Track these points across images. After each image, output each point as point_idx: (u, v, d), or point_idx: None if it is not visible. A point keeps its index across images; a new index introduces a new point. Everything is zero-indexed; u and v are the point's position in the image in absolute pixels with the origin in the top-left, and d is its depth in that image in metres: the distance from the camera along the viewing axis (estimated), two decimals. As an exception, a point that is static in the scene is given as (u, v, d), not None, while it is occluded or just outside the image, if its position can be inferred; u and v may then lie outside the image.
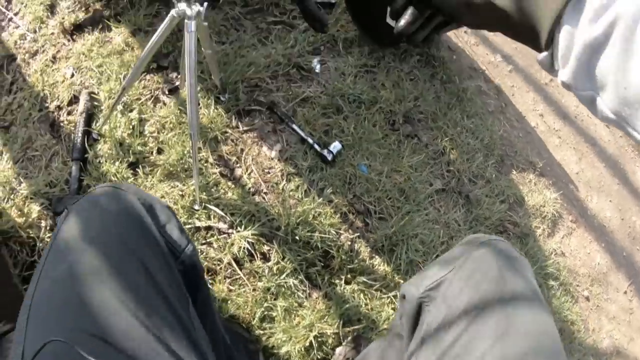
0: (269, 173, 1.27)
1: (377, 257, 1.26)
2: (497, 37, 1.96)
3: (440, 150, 1.48)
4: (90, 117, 1.28)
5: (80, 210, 0.55)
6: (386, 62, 1.56)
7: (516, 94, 1.83)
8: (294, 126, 1.32)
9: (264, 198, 1.23)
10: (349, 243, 1.24)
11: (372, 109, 1.44)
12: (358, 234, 1.26)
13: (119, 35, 1.45)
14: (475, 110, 1.62)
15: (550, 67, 0.48)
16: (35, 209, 1.14)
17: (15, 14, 1.56)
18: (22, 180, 1.21)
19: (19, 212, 1.12)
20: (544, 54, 0.47)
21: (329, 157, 1.29)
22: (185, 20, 0.92)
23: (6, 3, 1.59)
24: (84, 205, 0.56)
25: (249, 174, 1.26)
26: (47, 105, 1.34)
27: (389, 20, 1.42)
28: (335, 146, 1.30)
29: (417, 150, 1.44)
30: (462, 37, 1.85)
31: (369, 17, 1.53)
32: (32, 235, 1.10)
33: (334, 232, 1.22)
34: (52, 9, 1.54)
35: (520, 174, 1.62)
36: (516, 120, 1.75)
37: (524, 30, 0.49)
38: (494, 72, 1.82)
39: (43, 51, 1.45)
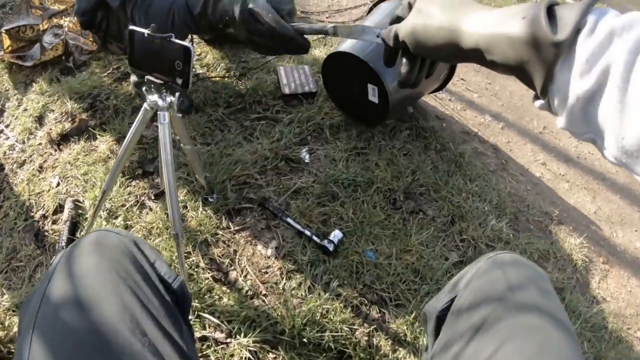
0: (266, 273, 1.19)
1: (400, 349, 1.14)
2: (482, 99, 1.96)
3: (449, 220, 1.41)
4: (74, 225, 1.26)
5: (74, 247, 0.59)
6: (376, 142, 1.54)
7: (514, 148, 1.78)
8: (289, 220, 1.27)
9: (263, 301, 1.14)
10: (366, 338, 1.12)
11: (370, 190, 1.39)
12: (375, 326, 1.14)
13: (104, 143, 1.48)
14: (476, 172, 1.57)
15: (549, 109, 0.47)
16: (17, 322, 1.06)
17: (7, 126, 1.62)
18: (4, 291, 1.17)
19: (0, 326, 1.07)
20: (541, 101, 0.47)
21: (331, 248, 1.21)
22: (158, 112, 0.91)
23: (-2, 115, 1.66)
24: (78, 243, 0.60)
25: (245, 276, 1.18)
26: (32, 214, 1.33)
27: (371, 98, 1.43)
28: (336, 235, 1.23)
29: (425, 225, 1.36)
30: (448, 105, 1.85)
31: (351, 100, 1.53)
32: (13, 350, 1.02)
33: (347, 329, 1.11)
34: (40, 120, 1.60)
35: (538, 227, 1.53)
36: (520, 174, 1.69)
37: (517, 76, 0.48)
38: (486, 132, 1.79)
39: (30, 161, 1.48)
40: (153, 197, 1.32)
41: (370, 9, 1.63)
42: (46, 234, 1.28)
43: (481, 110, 1.90)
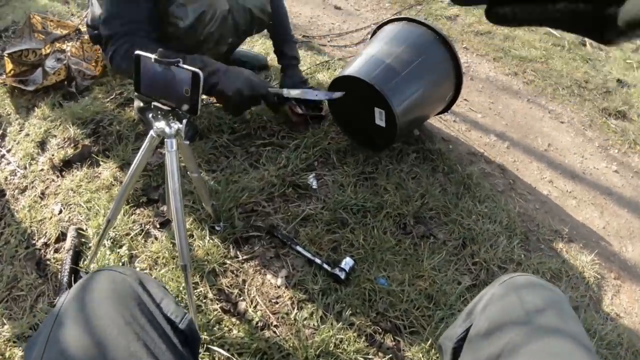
0: (277, 303, 1.17)
1: (417, 378, 1.11)
2: (486, 119, 1.96)
3: (461, 243, 1.39)
4: (77, 254, 1.24)
5: (79, 288, 0.58)
6: (384, 166, 1.53)
7: (520, 167, 1.77)
8: (298, 248, 1.25)
9: (274, 332, 1.11)
10: (382, 369, 1.09)
11: (379, 215, 1.37)
12: (390, 355, 1.11)
13: (107, 170, 1.46)
14: (485, 193, 1.55)
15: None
16: (17, 353, 1.05)
17: (8, 151, 1.61)
18: (5, 321, 1.14)
19: (1, 357, 1.05)
20: None
21: (342, 276, 1.19)
22: (165, 139, 0.89)
23: (0, 140, 1.65)
24: (83, 284, 0.59)
25: (255, 307, 1.15)
26: (34, 242, 1.31)
27: (378, 122, 1.43)
28: (347, 262, 1.21)
29: (436, 249, 1.34)
30: (453, 127, 1.84)
31: (357, 124, 1.53)
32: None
33: (361, 359, 1.08)
34: (42, 145, 1.59)
35: (549, 246, 1.51)
36: (528, 193, 1.68)
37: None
38: (492, 153, 1.78)
39: (32, 187, 1.46)
40: (158, 226, 1.30)
41: (374, 32, 1.64)
42: (48, 262, 1.25)
43: (486, 130, 1.89)
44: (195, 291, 1.15)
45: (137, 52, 0.86)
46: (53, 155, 1.52)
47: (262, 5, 1.49)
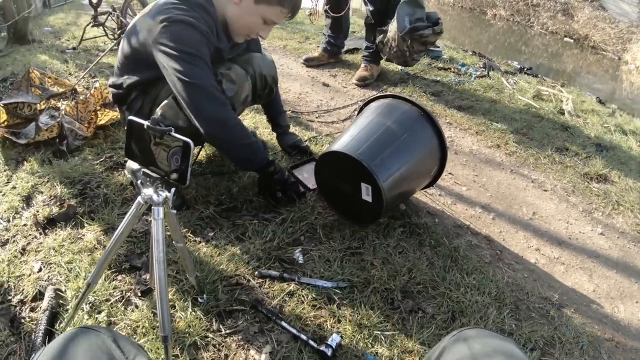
0: (261, 382, 1.13)
1: None
2: (471, 192, 2.00)
3: (450, 317, 1.37)
4: (54, 316, 1.20)
5: (55, 353, 0.60)
6: (370, 241, 1.55)
7: (506, 237, 1.79)
8: (283, 323, 1.23)
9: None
10: None
11: (366, 291, 1.37)
12: None
13: (91, 232, 1.45)
14: (472, 265, 1.56)
15: None
16: None
17: None
18: None
19: None
20: None
21: (329, 352, 1.16)
22: (153, 207, 0.90)
23: (-15, 190, 1.63)
24: (59, 348, 0.60)
25: (239, 386, 1.11)
26: (9, 298, 1.26)
27: (364, 197, 1.46)
28: (334, 339, 1.19)
29: (425, 324, 1.32)
30: (438, 200, 1.89)
31: (344, 198, 1.55)
32: None
33: None
34: (28, 200, 1.59)
35: (540, 314, 1.49)
36: (516, 262, 1.69)
37: None
38: (478, 225, 1.81)
39: (13, 241, 1.44)
40: (140, 294, 1.28)
41: (362, 108, 1.71)
42: (23, 321, 1.21)
43: (471, 202, 1.93)
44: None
45: (129, 117, 0.89)
46: (38, 211, 1.52)
47: (274, 74, 1.73)
